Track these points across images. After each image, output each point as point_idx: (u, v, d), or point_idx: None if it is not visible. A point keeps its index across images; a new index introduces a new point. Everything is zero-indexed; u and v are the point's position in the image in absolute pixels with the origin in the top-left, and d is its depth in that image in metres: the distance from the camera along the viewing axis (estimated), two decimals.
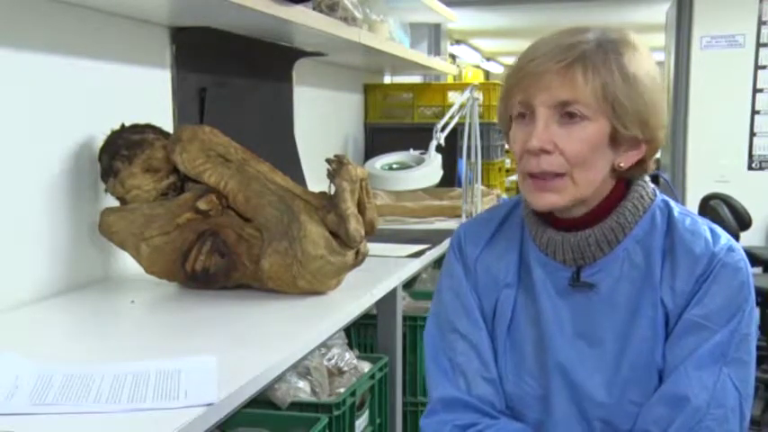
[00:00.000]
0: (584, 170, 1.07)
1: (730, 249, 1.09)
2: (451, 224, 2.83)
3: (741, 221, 4.08)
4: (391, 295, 1.95)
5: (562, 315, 1.13)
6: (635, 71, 1.05)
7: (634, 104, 1.05)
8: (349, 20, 2.37)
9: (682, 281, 1.08)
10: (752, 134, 4.78)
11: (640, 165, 1.12)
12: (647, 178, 1.16)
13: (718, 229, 1.12)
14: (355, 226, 1.63)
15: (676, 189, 4.85)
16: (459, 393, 1.16)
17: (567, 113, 1.05)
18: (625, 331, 1.10)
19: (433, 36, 5.07)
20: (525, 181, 1.11)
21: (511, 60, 1.14)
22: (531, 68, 1.06)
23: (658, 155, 5.69)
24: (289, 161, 2.73)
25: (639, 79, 1.05)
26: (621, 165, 1.09)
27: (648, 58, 1.09)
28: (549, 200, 1.09)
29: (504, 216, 1.24)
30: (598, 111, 1.04)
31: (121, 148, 1.70)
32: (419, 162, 2.93)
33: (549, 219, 1.15)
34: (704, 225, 1.12)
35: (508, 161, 4.55)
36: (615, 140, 1.07)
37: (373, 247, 1.87)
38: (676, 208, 1.14)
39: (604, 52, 1.04)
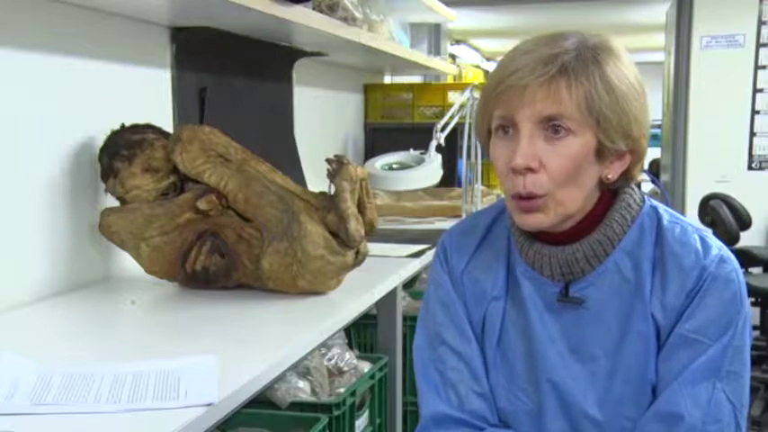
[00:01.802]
0: (568, 188, 1.04)
1: (721, 260, 1.07)
2: (451, 224, 2.83)
3: (741, 221, 4.08)
4: (391, 295, 1.95)
5: (552, 330, 1.11)
6: (617, 81, 1.03)
7: (617, 117, 1.02)
8: (349, 20, 2.37)
9: (672, 295, 1.06)
10: (752, 134, 4.78)
11: (626, 174, 1.10)
12: (644, 177, 1.14)
13: (710, 238, 1.10)
14: (355, 226, 1.63)
15: (676, 189, 4.85)
16: (450, 410, 1.14)
17: (551, 127, 1.02)
18: (616, 346, 1.09)
19: (433, 36, 5.07)
20: (510, 200, 1.08)
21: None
22: (512, 82, 1.02)
23: (658, 155, 5.71)
24: (289, 161, 2.73)
25: (622, 90, 1.03)
26: (609, 177, 1.07)
27: (629, 64, 1.06)
28: (534, 220, 1.06)
29: (489, 223, 1.21)
30: (583, 124, 1.02)
31: (121, 148, 1.70)
32: (419, 162, 2.93)
33: (536, 232, 1.11)
34: (695, 233, 1.09)
35: None
36: (601, 154, 1.05)
37: (373, 247, 1.87)
38: (665, 215, 1.11)
39: (585, 62, 1.02)
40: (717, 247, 1.08)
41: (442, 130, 2.92)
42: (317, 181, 2.57)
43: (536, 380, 1.12)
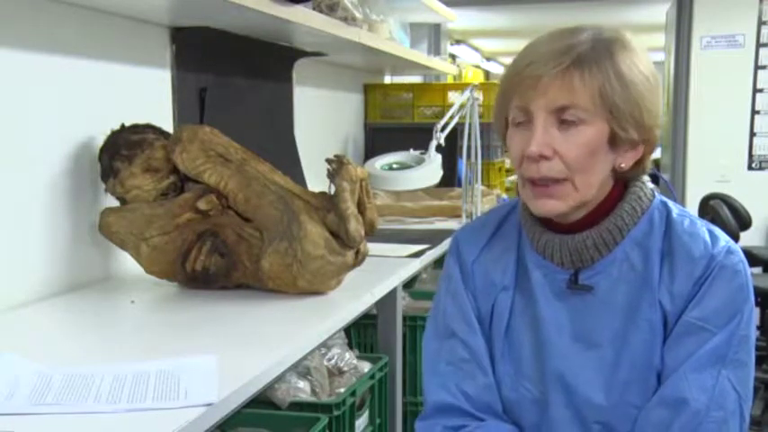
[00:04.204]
0: (584, 174, 1.07)
1: (729, 251, 1.08)
2: (451, 224, 2.83)
3: (741, 221, 4.08)
4: (391, 295, 1.95)
5: (560, 318, 1.13)
6: (630, 73, 1.05)
7: (630, 108, 1.05)
8: (349, 20, 2.37)
9: (680, 284, 1.08)
10: (752, 134, 4.78)
11: (639, 164, 1.12)
12: (646, 178, 1.16)
13: (717, 231, 1.12)
14: (355, 226, 1.63)
15: (676, 189, 4.85)
16: (454, 399, 1.16)
17: (565, 117, 1.05)
18: (623, 333, 1.10)
19: (433, 36, 5.07)
20: (525, 187, 1.11)
21: (511, 60, 1.14)
22: (527, 73, 1.06)
23: (658, 155, 5.72)
24: (289, 161, 2.73)
25: (634, 82, 1.05)
26: (623, 165, 1.10)
27: (643, 56, 1.08)
28: (550, 206, 1.09)
29: (501, 219, 1.24)
30: (596, 114, 1.04)
31: (121, 148, 1.70)
32: (419, 162, 2.93)
33: (547, 222, 1.14)
34: (703, 227, 1.12)
35: (508, 161, 4.55)
36: (614, 142, 1.07)
37: (373, 247, 1.87)
38: (675, 209, 1.14)
39: (599, 53, 1.04)
40: (724, 239, 1.11)
41: (442, 130, 2.92)
42: (316, 181, 2.57)
43: (542, 368, 1.13)
